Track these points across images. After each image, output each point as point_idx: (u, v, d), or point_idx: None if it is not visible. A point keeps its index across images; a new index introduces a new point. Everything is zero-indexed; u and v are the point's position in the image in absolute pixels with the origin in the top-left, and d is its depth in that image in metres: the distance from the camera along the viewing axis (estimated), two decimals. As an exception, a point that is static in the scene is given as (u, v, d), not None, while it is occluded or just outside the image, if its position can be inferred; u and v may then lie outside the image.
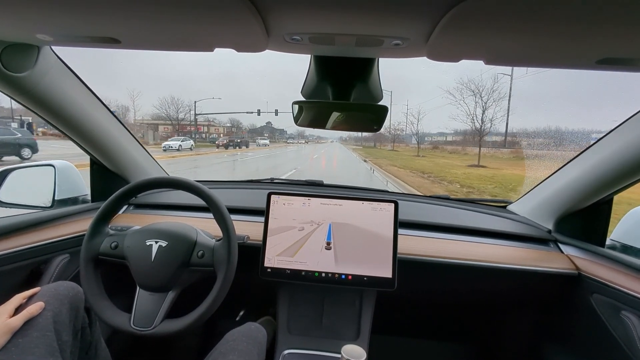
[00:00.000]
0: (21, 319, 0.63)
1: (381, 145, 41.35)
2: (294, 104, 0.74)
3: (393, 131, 28.44)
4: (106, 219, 0.87)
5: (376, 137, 43.82)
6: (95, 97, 0.96)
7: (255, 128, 73.34)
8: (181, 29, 0.53)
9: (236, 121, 55.08)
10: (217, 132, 49.64)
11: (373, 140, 46.65)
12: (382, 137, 41.58)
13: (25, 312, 0.64)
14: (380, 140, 43.86)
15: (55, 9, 0.48)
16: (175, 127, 30.61)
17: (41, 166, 1.12)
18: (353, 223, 0.95)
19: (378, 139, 43.65)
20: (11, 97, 0.79)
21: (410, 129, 24.80)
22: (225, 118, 51.80)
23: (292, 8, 0.46)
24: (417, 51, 0.59)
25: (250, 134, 55.44)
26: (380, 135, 41.89)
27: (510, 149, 17.93)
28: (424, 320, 1.44)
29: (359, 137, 55.42)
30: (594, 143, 0.90)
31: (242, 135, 49.00)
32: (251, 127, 70.86)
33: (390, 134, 28.77)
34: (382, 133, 36.91)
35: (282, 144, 54.33)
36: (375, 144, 42.70)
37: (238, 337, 0.79)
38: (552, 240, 1.06)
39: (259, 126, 75.22)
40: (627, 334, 0.78)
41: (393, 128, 28.27)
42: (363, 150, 30.32)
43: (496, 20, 0.43)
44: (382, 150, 30.61)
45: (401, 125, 26.14)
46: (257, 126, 75.39)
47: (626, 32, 0.43)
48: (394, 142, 29.68)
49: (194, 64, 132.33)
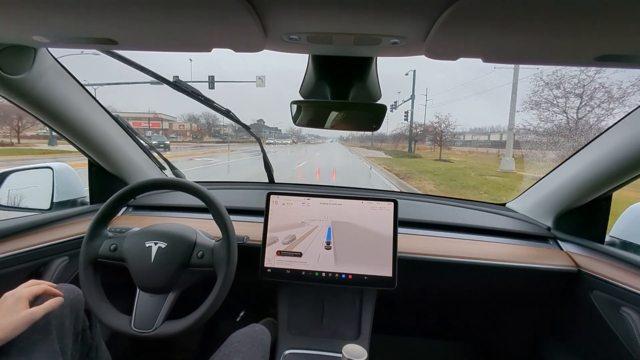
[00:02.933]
0: (43, 310, 0.62)
1: (380, 144, 37.36)
2: (293, 103, 0.74)
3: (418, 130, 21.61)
4: (105, 221, 0.87)
5: (376, 136, 39.30)
6: (93, 98, 0.96)
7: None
8: (178, 29, 0.53)
9: (212, 117, 47.00)
10: (181, 130, 41.96)
11: (371, 140, 41.36)
12: (383, 136, 37.40)
13: (47, 304, 0.63)
14: (381, 139, 39.27)
15: (51, 11, 0.48)
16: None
17: (39, 168, 1.12)
18: (353, 222, 0.95)
19: (378, 137, 38.96)
20: (8, 100, 0.78)
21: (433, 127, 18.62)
22: (200, 112, 44.92)
23: (289, 7, 0.46)
24: (415, 49, 0.59)
25: (237, 133, 49.51)
26: (381, 134, 37.71)
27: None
28: (424, 319, 1.44)
29: (363, 137, 50.31)
30: (593, 140, 0.90)
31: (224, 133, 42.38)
32: (235, 123, 66.69)
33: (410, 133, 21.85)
34: (382, 132, 33.90)
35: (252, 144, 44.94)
36: (373, 143, 38.29)
37: (242, 339, 0.79)
38: (551, 238, 1.06)
39: (250, 124, 71.53)
40: (627, 331, 0.78)
41: (415, 125, 21.61)
42: (387, 160, 16.32)
43: (494, 17, 0.43)
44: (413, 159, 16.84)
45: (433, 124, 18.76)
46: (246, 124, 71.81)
47: (625, 28, 0.43)
48: (414, 143, 21.98)
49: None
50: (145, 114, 38.79)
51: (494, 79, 36.21)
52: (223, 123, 49.06)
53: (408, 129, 22.21)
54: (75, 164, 1.20)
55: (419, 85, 69.73)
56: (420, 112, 29.90)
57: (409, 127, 21.72)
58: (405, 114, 21.98)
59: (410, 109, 21.26)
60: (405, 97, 30.44)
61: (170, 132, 40.21)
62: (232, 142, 39.05)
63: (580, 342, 0.97)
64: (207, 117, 47.31)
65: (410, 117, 21.44)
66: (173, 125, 42.90)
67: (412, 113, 21.28)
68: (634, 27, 0.43)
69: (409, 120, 21.54)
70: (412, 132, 21.61)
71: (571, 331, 1.00)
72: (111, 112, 1.05)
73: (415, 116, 22.42)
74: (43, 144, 15.94)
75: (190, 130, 42.62)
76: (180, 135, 40.50)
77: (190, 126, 44.34)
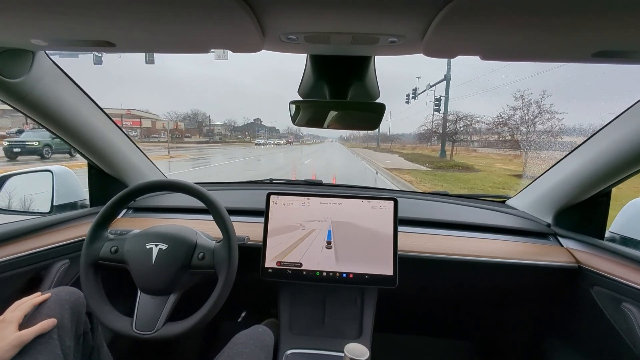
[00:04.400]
0: (33, 332, 0.62)
1: (389, 145, 31.94)
2: (291, 103, 0.74)
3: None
4: (105, 223, 0.87)
5: (372, 136, 35.34)
6: (92, 101, 0.96)
7: (238, 126, 61.60)
8: (176, 30, 0.53)
9: (202, 114, 44.69)
10: (162, 129, 36.41)
11: (377, 139, 35.16)
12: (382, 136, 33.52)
13: (38, 326, 0.63)
14: (383, 139, 35.16)
15: (48, 14, 0.48)
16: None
17: (39, 172, 1.12)
18: (353, 222, 0.95)
19: (381, 137, 34.47)
20: (7, 103, 0.78)
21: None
22: (186, 110, 42.11)
23: (287, 7, 0.46)
24: (413, 48, 0.59)
25: (233, 132, 48.51)
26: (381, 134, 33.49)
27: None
28: (426, 317, 1.44)
29: (365, 136, 44.74)
30: (592, 136, 0.90)
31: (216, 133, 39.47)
32: (229, 122, 59.03)
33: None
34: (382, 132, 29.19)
35: (241, 144, 41.70)
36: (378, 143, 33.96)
37: (245, 341, 0.79)
38: (551, 234, 1.07)
39: (245, 124, 63.03)
40: (629, 326, 0.78)
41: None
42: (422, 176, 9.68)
43: (491, 15, 0.43)
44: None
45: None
46: (237, 124, 61.83)
47: (621, 24, 0.43)
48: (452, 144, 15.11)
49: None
50: (115, 109, 33.29)
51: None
52: (212, 123, 46.76)
53: (436, 125, 15.78)
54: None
55: (424, 78, 58.39)
56: (428, 109, 22.23)
57: (434, 121, 15.73)
58: (436, 103, 15.68)
59: (445, 94, 15.42)
60: (427, 82, 22.04)
61: (153, 131, 37.68)
62: (219, 142, 36.52)
63: (581, 338, 0.97)
64: (197, 116, 44.38)
65: (444, 105, 15.23)
66: (157, 124, 39.47)
67: (447, 101, 15.27)
68: (631, 23, 0.43)
69: (442, 111, 15.32)
70: (445, 128, 14.96)
71: (572, 327, 1.00)
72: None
73: (421, 113, 17.52)
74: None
75: (164, 129, 37.36)
76: (163, 134, 37.06)
77: (175, 125, 40.41)
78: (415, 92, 20.03)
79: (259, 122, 67.94)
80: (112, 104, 34.63)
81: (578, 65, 7.92)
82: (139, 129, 35.66)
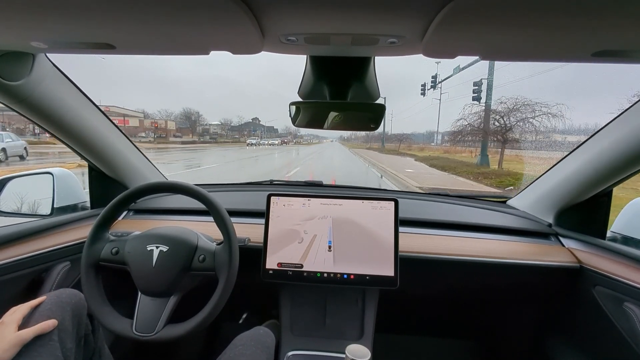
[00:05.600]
0: (33, 332, 0.63)
1: (398, 146, 27.50)
2: (292, 104, 0.74)
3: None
4: (106, 225, 0.87)
5: (378, 135, 31.02)
6: (92, 103, 0.96)
7: (235, 125, 58.94)
8: (176, 33, 0.53)
9: (195, 113, 42.46)
10: (149, 127, 34.84)
11: (382, 139, 30.23)
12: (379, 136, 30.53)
13: (38, 326, 0.64)
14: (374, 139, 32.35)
15: (49, 16, 0.48)
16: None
17: (39, 174, 1.12)
18: (354, 222, 0.95)
19: (380, 137, 30.79)
20: (7, 106, 0.78)
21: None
22: (174, 109, 40.31)
23: (287, 9, 0.46)
24: (413, 49, 0.59)
25: (230, 132, 46.86)
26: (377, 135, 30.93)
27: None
28: (427, 318, 1.44)
29: (368, 136, 40.98)
30: (592, 135, 0.90)
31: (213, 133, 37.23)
32: (224, 121, 56.67)
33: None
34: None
35: (233, 144, 39.96)
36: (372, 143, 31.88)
37: (246, 342, 0.79)
38: (553, 234, 1.06)
39: (243, 123, 59.92)
40: (631, 326, 0.78)
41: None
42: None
43: (491, 15, 0.43)
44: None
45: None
46: (234, 123, 58.66)
47: (621, 24, 0.43)
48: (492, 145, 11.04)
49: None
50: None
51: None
52: (207, 123, 45.10)
53: (474, 120, 11.05)
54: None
55: (428, 73, 52.84)
56: (433, 108, 19.74)
57: (471, 117, 11.08)
58: (476, 89, 10.96)
59: (488, 76, 10.79)
60: (447, 69, 18.38)
61: (141, 129, 36.41)
62: (209, 142, 34.93)
63: (583, 338, 0.97)
64: (189, 115, 42.46)
65: (486, 92, 10.56)
66: (144, 122, 38.07)
67: (491, 87, 10.52)
68: (631, 22, 0.43)
69: (484, 101, 10.77)
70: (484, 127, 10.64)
71: (574, 327, 1.00)
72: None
73: (425, 112, 11.98)
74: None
75: (151, 128, 36.58)
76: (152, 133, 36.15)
77: (156, 123, 38.65)
78: (435, 79, 16.16)
79: (257, 121, 66.56)
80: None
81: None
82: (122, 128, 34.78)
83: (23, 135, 16.64)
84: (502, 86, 17.89)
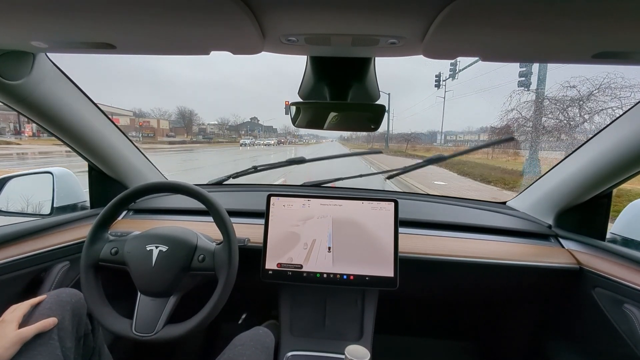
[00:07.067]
0: (33, 330, 0.63)
1: (405, 146, 24.47)
2: (292, 105, 0.74)
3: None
4: (106, 225, 0.87)
5: (380, 135, 28.26)
6: (92, 103, 0.96)
7: (233, 125, 57.95)
8: (177, 33, 0.53)
9: (189, 112, 41.73)
10: (141, 127, 34.59)
11: (385, 139, 26.52)
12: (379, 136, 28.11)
13: (38, 324, 0.64)
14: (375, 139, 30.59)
15: (49, 16, 0.48)
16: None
17: (39, 174, 1.12)
18: (353, 223, 0.95)
19: (382, 137, 27.94)
20: (7, 105, 0.78)
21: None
22: (172, 108, 39.55)
23: (287, 9, 0.46)
24: (413, 49, 0.59)
25: (227, 131, 46.11)
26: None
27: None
28: (427, 319, 1.44)
29: (369, 136, 40.46)
30: (592, 137, 0.90)
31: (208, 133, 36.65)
32: (220, 121, 55.96)
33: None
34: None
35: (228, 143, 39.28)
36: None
37: (246, 342, 0.79)
38: (552, 235, 1.06)
39: (240, 122, 58.84)
40: (630, 327, 0.78)
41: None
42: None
43: (491, 16, 0.43)
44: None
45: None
46: (232, 122, 57.52)
47: (621, 25, 0.43)
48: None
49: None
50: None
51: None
52: (203, 122, 44.63)
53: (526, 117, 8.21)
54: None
55: (430, 70, 46.49)
56: (437, 107, 16.40)
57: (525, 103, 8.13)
58: (523, 71, 8.31)
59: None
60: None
61: (131, 129, 36.08)
62: (202, 142, 34.17)
63: (583, 340, 0.97)
64: (184, 114, 41.70)
65: (537, 77, 7.79)
66: (135, 121, 37.65)
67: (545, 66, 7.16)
68: (631, 24, 0.43)
69: (534, 87, 8.01)
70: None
71: (574, 329, 1.00)
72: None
73: (427, 111, 9.20)
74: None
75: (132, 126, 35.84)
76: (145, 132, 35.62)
77: (140, 122, 37.84)
78: (456, 67, 14.47)
79: (255, 120, 65.75)
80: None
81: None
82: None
83: (2, 134, 15.99)
84: (556, 68, 13.23)
